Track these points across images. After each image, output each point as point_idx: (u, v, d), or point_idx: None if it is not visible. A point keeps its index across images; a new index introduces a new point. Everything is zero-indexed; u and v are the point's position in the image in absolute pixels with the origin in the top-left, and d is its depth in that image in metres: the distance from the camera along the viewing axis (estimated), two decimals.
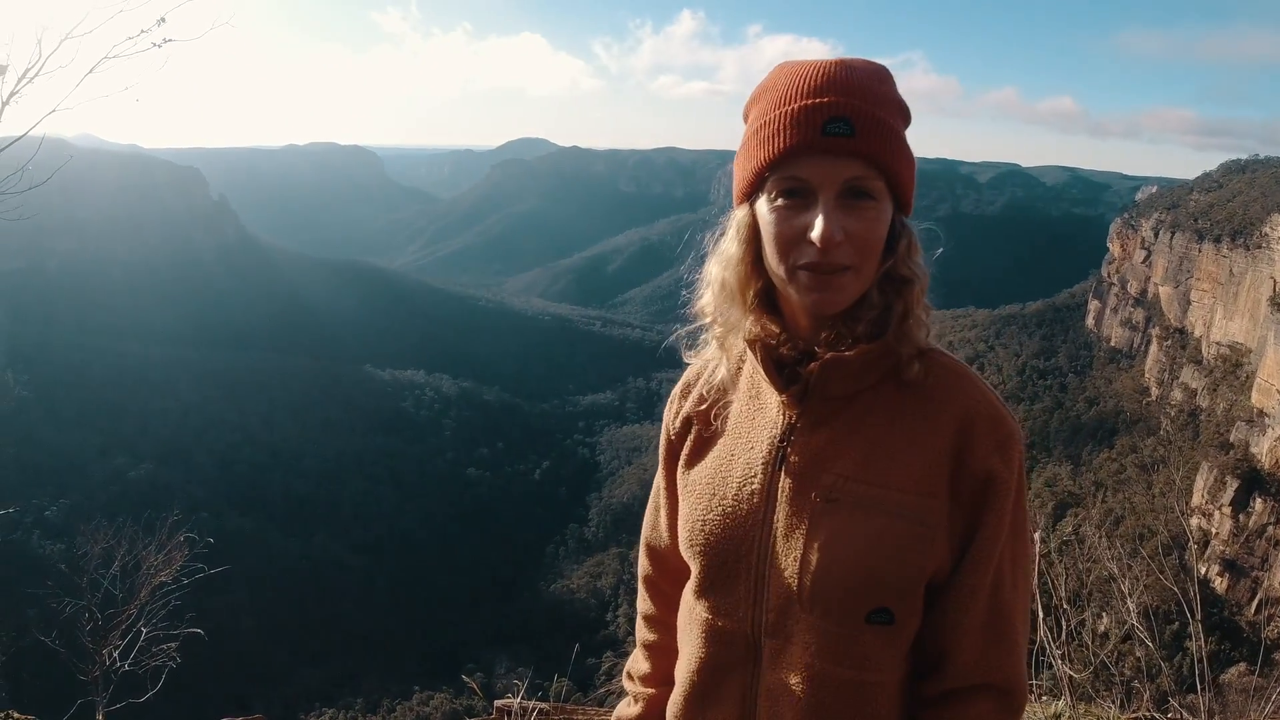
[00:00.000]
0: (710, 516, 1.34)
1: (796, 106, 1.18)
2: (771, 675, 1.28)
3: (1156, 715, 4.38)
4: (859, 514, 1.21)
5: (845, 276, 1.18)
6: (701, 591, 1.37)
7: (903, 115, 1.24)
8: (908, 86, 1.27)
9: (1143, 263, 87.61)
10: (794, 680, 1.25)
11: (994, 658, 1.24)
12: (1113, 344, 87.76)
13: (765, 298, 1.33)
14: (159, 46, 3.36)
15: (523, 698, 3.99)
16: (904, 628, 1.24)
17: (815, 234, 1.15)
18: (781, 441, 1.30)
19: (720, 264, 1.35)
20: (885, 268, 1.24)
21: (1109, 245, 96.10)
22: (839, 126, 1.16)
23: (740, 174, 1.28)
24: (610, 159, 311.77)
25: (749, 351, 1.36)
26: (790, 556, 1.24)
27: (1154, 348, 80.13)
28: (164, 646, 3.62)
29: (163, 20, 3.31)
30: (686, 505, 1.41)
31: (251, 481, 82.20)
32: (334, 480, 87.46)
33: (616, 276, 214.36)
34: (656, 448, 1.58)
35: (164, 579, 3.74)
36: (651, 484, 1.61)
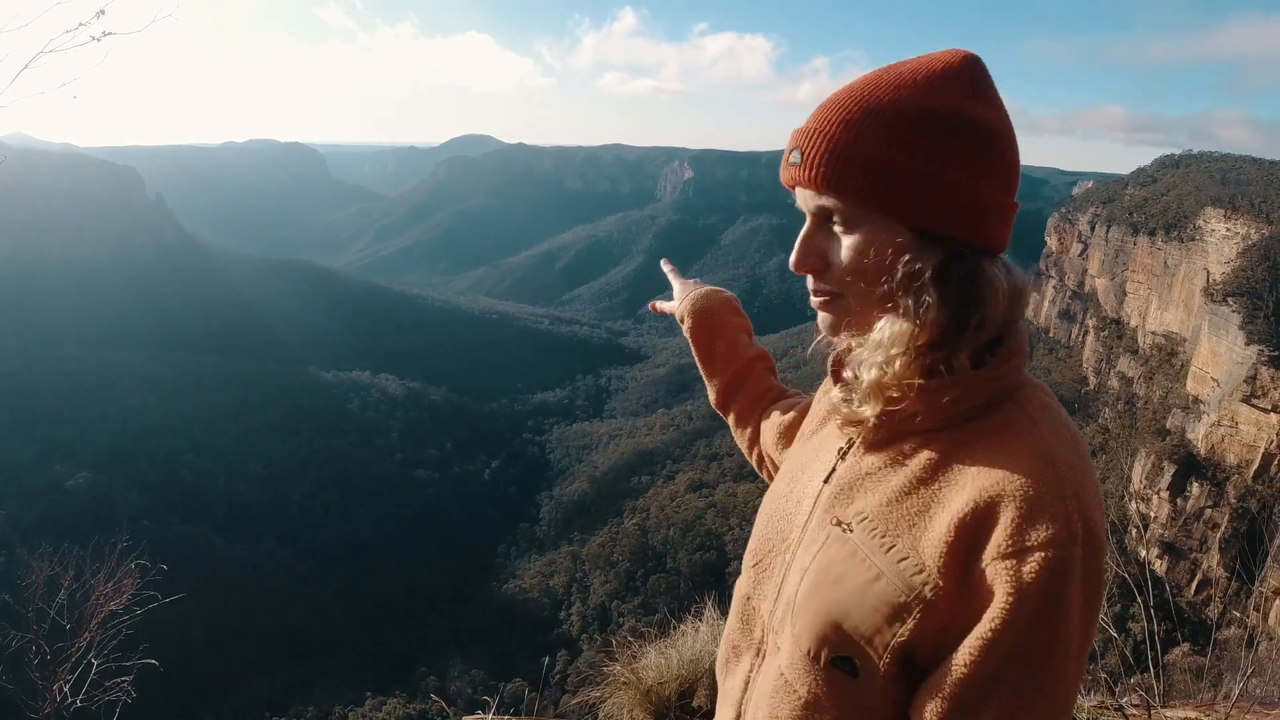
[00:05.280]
0: (775, 501, 1.36)
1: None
2: (764, 668, 1.26)
3: (1110, 700, 4.41)
4: (858, 557, 1.12)
5: (835, 304, 1.20)
6: (748, 568, 1.37)
7: (922, 127, 1.11)
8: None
9: (1080, 256, 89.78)
10: (767, 683, 1.22)
11: None
12: (1051, 335, 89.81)
13: None
14: (98, 40, 3.19)
15: (495, 713, 3.87)
16: (866, 687, 1.10)
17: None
18: (838, 455, 1.27)
19: None
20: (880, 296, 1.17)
21: (1047, 239, 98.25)
22: (795, 155, 1.16)
23: None
24: (557, 156, 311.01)
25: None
26: (798, 566, 1.21)
27: (1091, 338, 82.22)
28: (118, 680, 3.44)
29: (102, 13, 3.14)
30: (774, 481, 1.45)
31: (194, 488, 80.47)
32: (279, 484, 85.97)
33: (564, 274, 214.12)
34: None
35: (115, 608, 3.55)
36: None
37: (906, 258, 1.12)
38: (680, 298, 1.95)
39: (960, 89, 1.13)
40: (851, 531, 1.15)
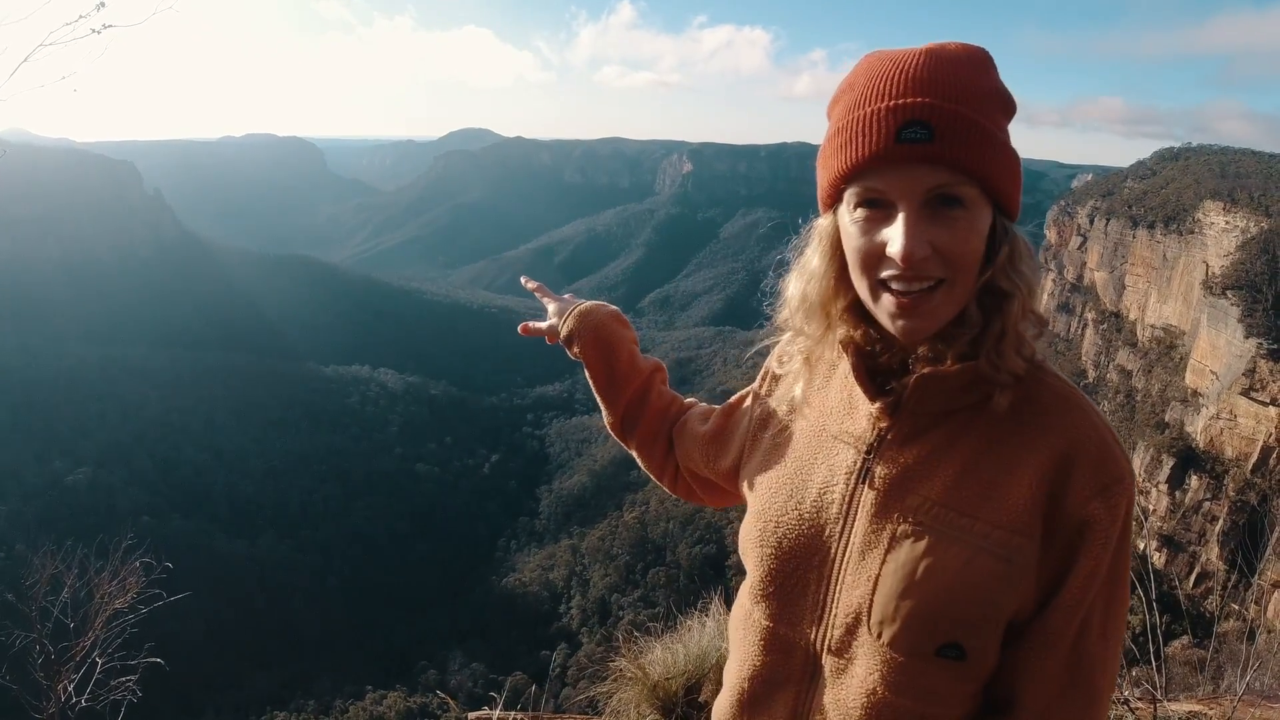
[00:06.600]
0: (786, 518, 1.26)
1: (871, 110, 1.07)
2: (828, 694, 1.20)
3: (1115, 693, 4.38)
4: (943, 544, 1.12)
5: (935, 297, 1.08)
6: (763, 596, 1.28)
7: (1001, 105, 1.11)
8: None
9: (1079, 249, 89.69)
10: (851, 703, 1.17)
11: (1066, 708, 1.14)
12: (1050, 328, 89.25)
13: (857, 308, 1.22)
14: (98, 33, 3.16)
15: (501, 710, 3.84)
16: (976, 664, 1.14)
17: (894, 250, 1.05)
18: (868, 453, 1.21)
19: (803, 277, 1.26)
20: (983, 280, 1.12)
21: (1046, 232, 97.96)
22: (916, 132, 1.04)
23: (820, 182, 1.18)
24: (555, 149, 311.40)
25: (844, 354, 1.26)
26: (864, 576, 1.16)
27: (1090, 331, 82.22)
28: (123, 680, 3.41)
29: (103, 4, 3.11)
30: (761, 500, 1.32)
31: (194, 483, 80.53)
32: (279, 480, 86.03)
33: (564, 267, 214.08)
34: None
35: (120, 606, 3.53)
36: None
37: (1009, 235, 1.12)
38: (558, 316, 1.83)
39: None
40: (925, 524, 1.14)
